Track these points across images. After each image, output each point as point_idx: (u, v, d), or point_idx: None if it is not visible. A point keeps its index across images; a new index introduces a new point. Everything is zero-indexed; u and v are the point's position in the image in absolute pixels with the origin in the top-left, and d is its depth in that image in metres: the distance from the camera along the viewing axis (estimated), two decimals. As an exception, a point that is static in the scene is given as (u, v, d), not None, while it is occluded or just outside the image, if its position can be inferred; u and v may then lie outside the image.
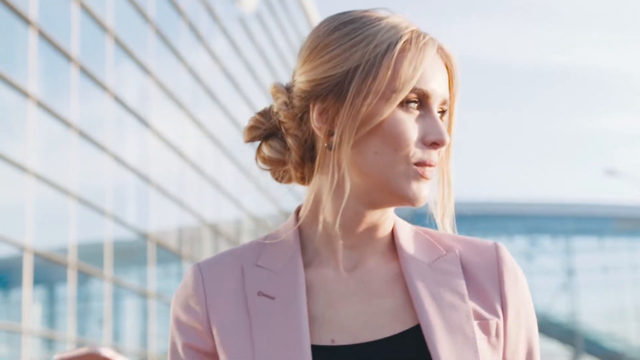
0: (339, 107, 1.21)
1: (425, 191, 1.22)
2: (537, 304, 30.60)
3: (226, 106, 20.45)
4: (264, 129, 1.30)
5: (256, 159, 1.32)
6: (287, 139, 1.28)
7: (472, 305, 1.24)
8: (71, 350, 0.89)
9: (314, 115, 1.24)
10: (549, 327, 34.37)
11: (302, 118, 1.26)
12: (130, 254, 15.78)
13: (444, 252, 1.28)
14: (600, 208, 41.30)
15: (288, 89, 1.29)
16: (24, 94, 12.14)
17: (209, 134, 19.34)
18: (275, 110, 1.29)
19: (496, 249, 1.29)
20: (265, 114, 1.31)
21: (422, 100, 1.22)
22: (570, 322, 36.42)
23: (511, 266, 1.29)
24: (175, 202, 17.44)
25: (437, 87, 1.23)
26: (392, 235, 1.29)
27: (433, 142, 1.21)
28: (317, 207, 1.27)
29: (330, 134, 1.23)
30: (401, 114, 1.21)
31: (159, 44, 17.08)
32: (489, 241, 1.31)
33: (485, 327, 1.23)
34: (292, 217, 1.31)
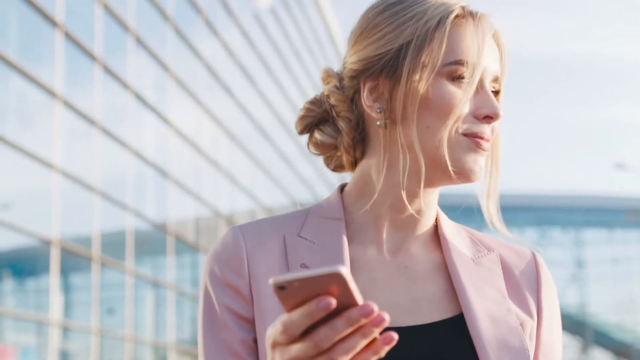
0: (392, 84, 1.20)
1: (480, 163, 1.19)
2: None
3: (241, 100, 20.70)
4: (315, 116, 1.28)
5: (308, 146, 1.30)
6: (338, 122, 1.26)
7: (511, 305, 1.23)
8: (297, 272, 0.90)
9: (364, 94, 1.22)
10: (558, 318, 34.42)
11: (352, 100, 1.25)
12: (147, 245, 15.95)
13: (486, 251, 1.27)
14: (611, 200, 41.19)
15: (339, 74, 1.28)
16: (51, 92, 12.55)
17: (224, 128, 19.57)
18: (325, 94, 1.28)
19: (534, 255, 1.30)
20: (316, 101, 1.29)
21: (463, 72, 1.19)
22: (579, 313, 36.42)
23: (547, 274, 1.29)
24: (191, 194, 17.67)
25: (490, 63, 1.21)
26: (436, 226, 1.28)
27: (486, 116, 1.19)
28: (365, 185, 1.25)
29: (382, 111, 1.21)
30: (453, 88, 1.19)
31: (177, 41, 17.39)
32: (526, 249, 1.32)
33: (523, 327, 1.22)
34: (335, 193, 1.29)
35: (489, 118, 1.19)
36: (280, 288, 0.89)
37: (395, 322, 1.17)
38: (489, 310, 1.20)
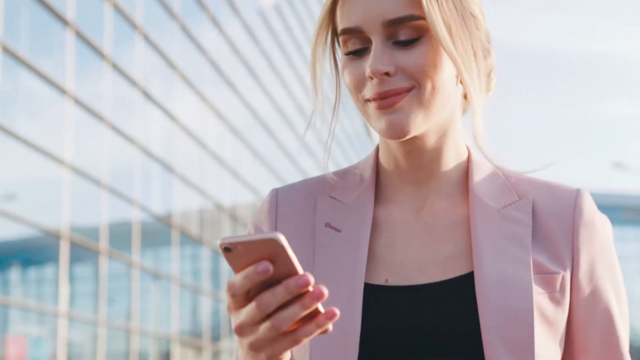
0: None
1: (392, 120, 1.13)
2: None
3: (244, 95, 20.81)
4: None
5: None
6: None
7: (535, 257, 1.17)
8: (242, 235, 0.93)
9: None
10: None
11: None
12: (151, 237, 16.02)
13: (517, 199, 1.21)
14: (609, 197, 41.34)
15: None
16: (61, 88, 12.77)
17: (228, 123, 19.71)
18: None
19: (576, 196, 1.21)
20: None
21: (358, 39, 1.15)
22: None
23: (589, 217, 1.20)
24: (195, 188, 17.84)
25: (359, 17, 1.14)
26: (467, 176, 1.23)
27: (368, 76, 1.13)
28: (385, 144, 1.24)
29: None
30: (345, 62, 1.17)
31: (183, 38, 17.55)
32: (572, 187, 1.23)
33: (547, 281, 1.16)
34: (372, 152, 1.28)
35: (370, 77, 1.14)
36: (227, 250, 0.92)
37: (409, 279, 1.17)
38: (502, 270, 1.15)
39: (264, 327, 0.94)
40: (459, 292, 1.15)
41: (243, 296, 0.95)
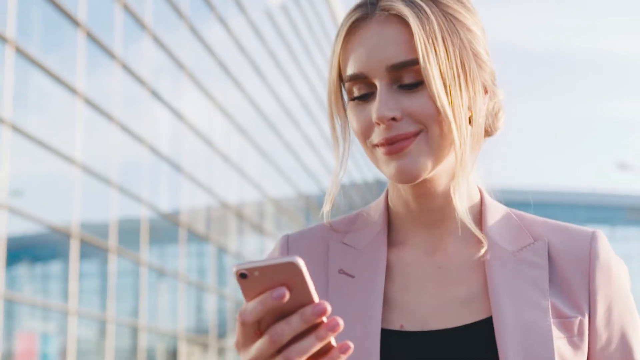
0: None
1: (399, 165, 1.13)
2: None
3: (251, 95, 20.90)
4: None
5: None
6: None
7: (553, 301, 1.15)
8: (258, 260, 0.91)
9: None
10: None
11: None
12: (157, 234, 16.08)
13: (532, 241, 1.20)
14: (613, 197, 41.27)
15: None
16: (72, 88, 12.86)
17: (235, 122, 19.77)
18: None
19: (592, 239, 1.20)
20: None
21: (364, 84, 1.15)
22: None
23: (605, 260, 1.19)
24: (202, 186, 17.89)
25: (363, 63, 1.13)
26: (481, 217, 1.21)
27: (375, 122, 1.13)
28: (396, 188, 1.23)
29: None
30: (352, 108, 1.16)
31: (192, 39, 17.60)
32: (587, 230, 1.22)
33: (565, 326, 1.15)
34: (382, 196, 1.27)
35: (377, 123, 1.13)
36: (242, 276, 0.89)
37: (425, 325, 1.16)
38: (521, 314, 1.13)
39: None
40: (479, 339, 1.13)
41: (253, 327, 0.91)
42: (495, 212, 1.22)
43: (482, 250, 1.18)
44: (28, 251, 12.68)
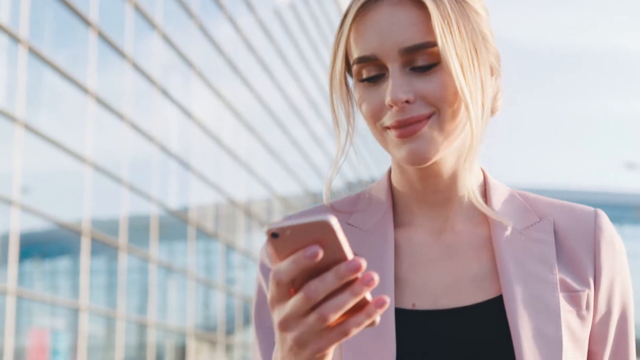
0: None
1: (412, 147, 1.12)
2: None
3: (259, 93, 20.97)
4: None
5: None
6: None
7: (561, 276, 1.17)
8: (290, 220, 0.88)
9: None
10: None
11: None
12: (168, 231, 16.14)
13: (538, 220, 1.21)
14: (621, 196, 41.16)
15: None
16: (83, 87, 12.97)
17: (243, 120, 19.84)
18: None
19: (595, 216, 1.22)
20: None
21: (374, 67, 1.14)
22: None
23: (609, 236, 1.21)
24: (210, 183, 17.98)
25: (375, 45, 1.13)
26: (486, 197, 1.22)
27: (388, 104, 1.12)
28: (399, 168, 1.22)
29: None
30: (361, 90, 1.15)
31: (201, 37, 17.69)
32: (589, 208, 1.24)
33: (574, 299, 1.17)
34: (385, 176, 1.26)
35: (390, 106, 1.12)
36: (274, 235, 0.87)
37: (436, 303, 1.16)
38: (530, 291, 1.15)
39: (311, 319, 0.88)
40: (490, 317, 1.14)
41: (287, 286, 0.89)
42: (500, 192, 1.23)
43: (490, 229, 1.19)
44: (38, 248, 12.73)
